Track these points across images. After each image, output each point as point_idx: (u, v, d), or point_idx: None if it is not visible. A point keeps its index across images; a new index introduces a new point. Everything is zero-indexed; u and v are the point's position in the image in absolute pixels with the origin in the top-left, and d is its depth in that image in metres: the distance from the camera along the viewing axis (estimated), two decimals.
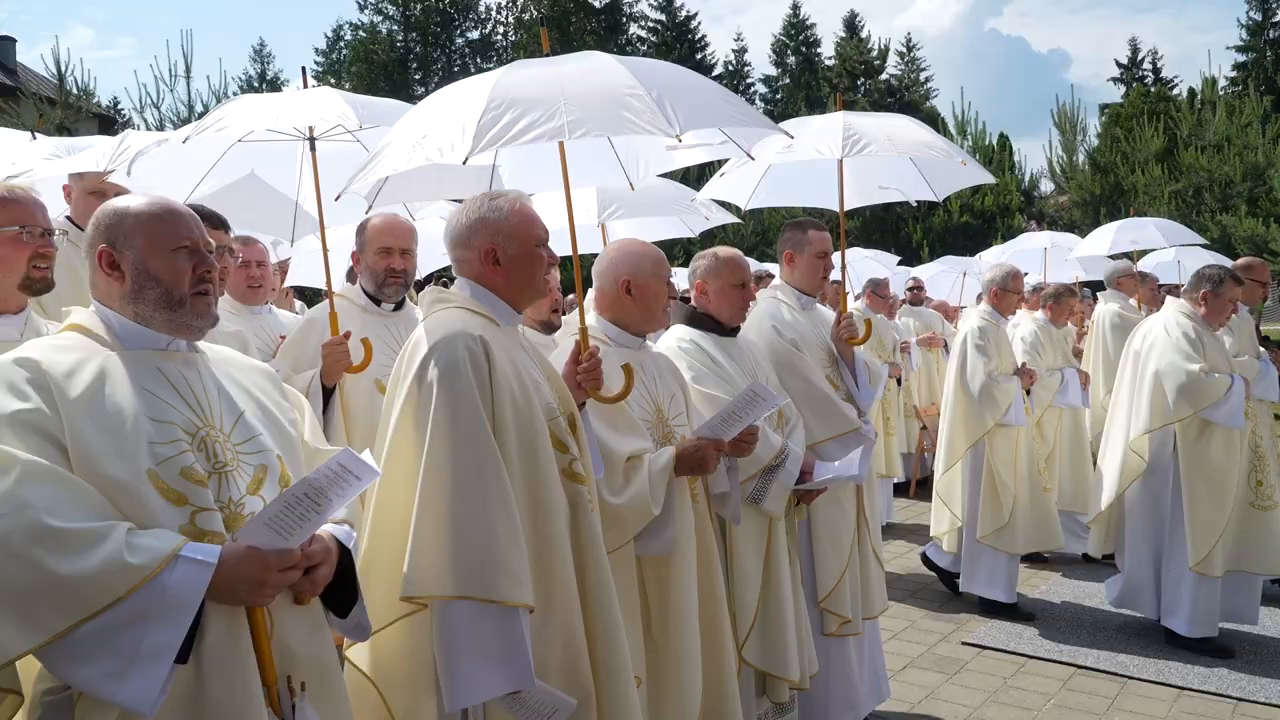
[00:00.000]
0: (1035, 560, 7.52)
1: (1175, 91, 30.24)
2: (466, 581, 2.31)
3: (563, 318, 4.19)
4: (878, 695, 4.51)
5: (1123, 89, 34.25)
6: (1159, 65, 36.74)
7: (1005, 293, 6.29)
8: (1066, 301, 7.30)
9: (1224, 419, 5.36)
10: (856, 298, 9.50)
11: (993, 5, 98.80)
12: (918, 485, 9.77)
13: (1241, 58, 33.44)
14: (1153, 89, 31.34)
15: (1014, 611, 6.08)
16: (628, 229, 5.93)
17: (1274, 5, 33.47)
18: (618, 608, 2.69)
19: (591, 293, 3.51)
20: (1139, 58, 37.18)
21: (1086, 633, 5.80)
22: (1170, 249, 11.00)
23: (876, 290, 8.96)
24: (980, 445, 6.05)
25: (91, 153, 4.21)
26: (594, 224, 5.64)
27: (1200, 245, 11.08)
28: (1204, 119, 21.64)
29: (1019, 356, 6.66)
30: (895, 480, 9.10)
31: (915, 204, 6.02)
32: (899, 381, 9.01)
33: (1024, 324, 7.09)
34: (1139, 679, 5.13)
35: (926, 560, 6.75)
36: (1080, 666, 5.31)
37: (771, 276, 7.35)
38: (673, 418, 3.33)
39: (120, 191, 3.35)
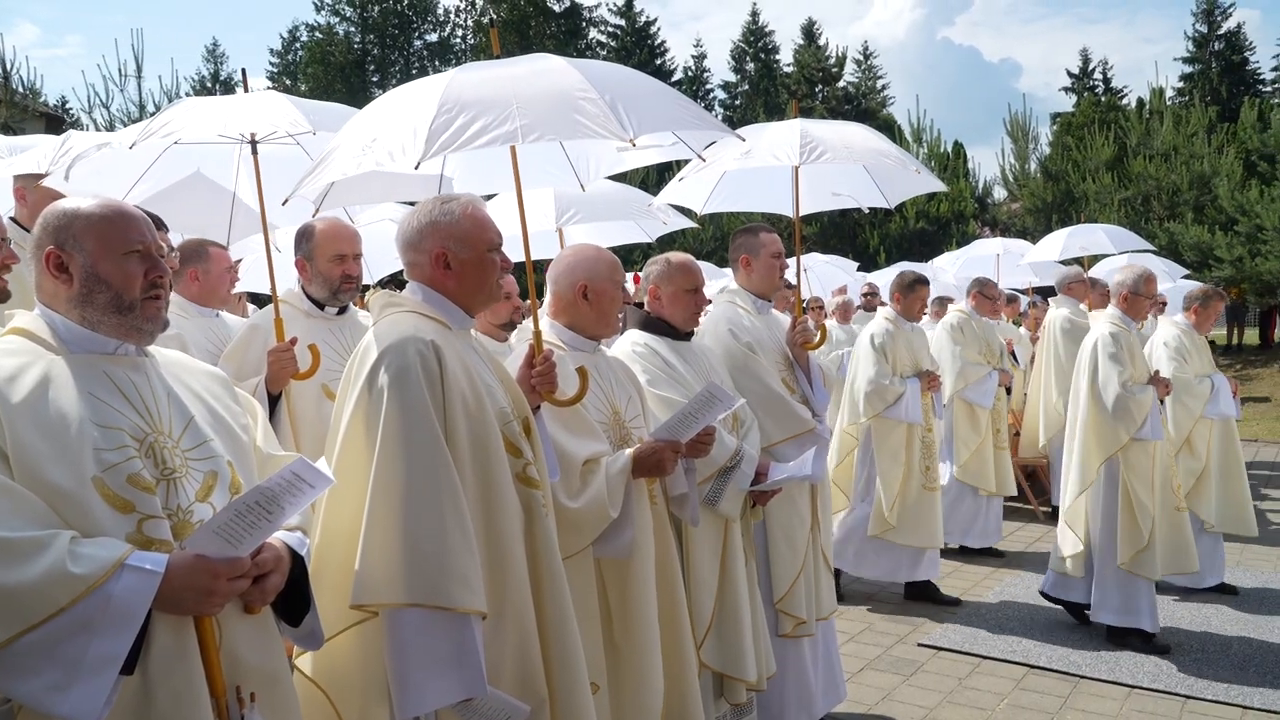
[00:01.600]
0: (989, 555, 7.67)
1: (1125, 101, 30.82)
2: (418, 588, 2.29)
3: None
4: (834, 696, 4.54)
5: (1074, 98, 34.82)
6: (1109, 75, 37.41)
7: (1137, 296, 5.74)
8: (1214, 304, 6.59)
9: None
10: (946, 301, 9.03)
11: (945, 15, 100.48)
12: None
13: (1188, 69, 34.18)
14: (1103, 98, 31.90)
15: (1152, 641, 5.56)
16: (586, 234, 5.94)
17: (1219, 19, 34.26)
18: (572, 612, 2.68)
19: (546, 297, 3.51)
20: (1090, 68, 37.84)
21: (1040, 632, 5.88)
22: (1122, 255, 11.23)
23: (983, 291, 8.09)
24: (1114, 462, 5.56)
25: (33, 153, 4.14)
26: (551, 229, 5.65)
27: (1149, 251, 11.30)
28: (1152, 128, 22.15)
29: (1164, 365, 6.27)
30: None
31: (868, 210, 6.09)
32: (1009, 390, 8.26)
33: (1165, 329, 6.56)
34: (1091, 678, 5.20)
35: (1048, 596, 6.04)
36: (1033, 666, 5.38)
37: None
38: (629, 420, 3.33)
39: (59, 194, 3.29)
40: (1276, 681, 5.06)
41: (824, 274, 11.67)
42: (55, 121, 21.24)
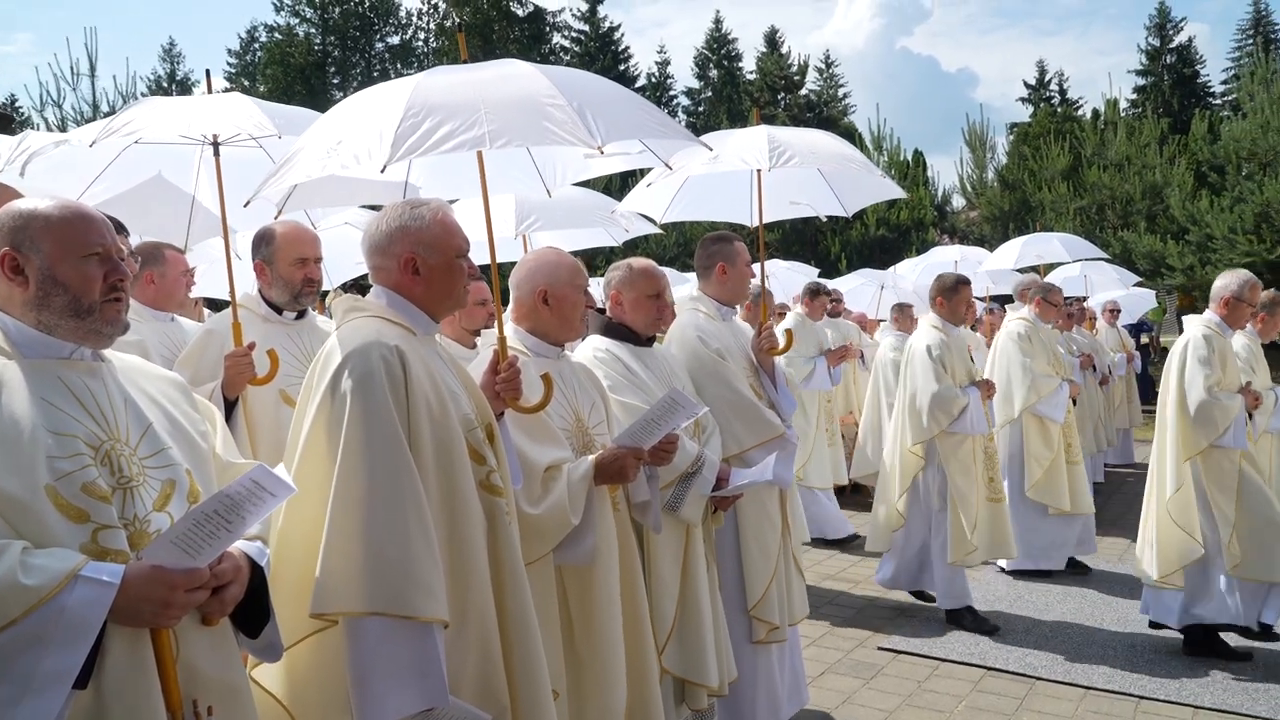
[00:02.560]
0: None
1: (1080, 112, 31.35)
2: (380, 597, 2.26)
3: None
4: (798, 700, 4.57)
5: (1030, 109, 35.36)
6: (1065, 86, 38.03)
7: (1239, 303, 5.49)
8: None
9: None
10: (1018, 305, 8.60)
11: (904, 25, 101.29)
12: (836, 492, 9.89)
13: (1141, 81, 34.89)
14: (1059, 109, 32.42)
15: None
16: (549, 240, 5.93)
17: (1171, 32, 34.99)
18: (535, 621, 2.67)
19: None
20: (1046, 79, 38.45)
21: (997, 634, 5.94)
22: (1076, 263, 11.41)
23: (1047, 297, 7.59)
24: (1195, 466, 5.39)
25: None
26: (512, 235, 5.63)
27: (1103, 260, 11.50)
28: (1106, 139, 22.56)
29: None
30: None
31: (825, 219, 6.11)
32: (1074, 401, 7.79)
33: (1236, 339, 6.02)
34: (1047, 679, 5.27)
35: (1156, 625, 5.64)
36: (990, 668, 5.44)
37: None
38: (593, 427, 3.32)
39: (11, 194, 3.22)
40: (1227, 680, 5.16)
41: (785, 280, 11.73)
42: (5, 120, 20.79)
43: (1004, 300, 11.35)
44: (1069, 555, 7.25)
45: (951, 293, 6.28)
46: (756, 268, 4.62)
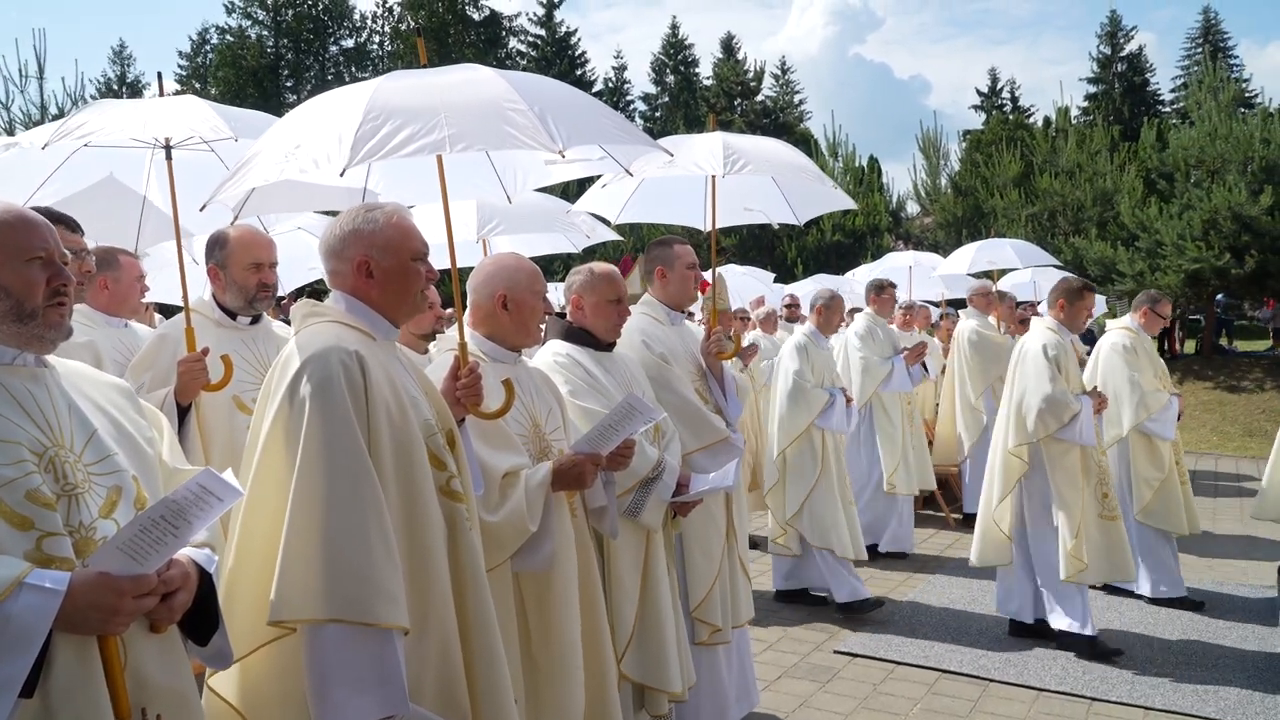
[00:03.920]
0: (901, 559, 7.78)
1: (1031, 119, 31.82)
2: (339, 603, 2.24)
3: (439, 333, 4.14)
4: (747, 702, 4.59)
5: (983, 116, 35.90)
6: (1016, 94, 38.73)
7: None
8: None
9: None
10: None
11: (857, 33, 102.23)
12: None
13: (1092, 89, 35.52)
14: (1010, 117, 32.91)
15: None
16: (510, 245, 5.92)
17: (1121, 41, 35.66)
18: (497, 627, 2.65)
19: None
20: (998, 86, 39.11)
21: (951, 636, 6.01)
22: (1026, 269, 11.59)
23: (1155, 308, 7.13)
24: None
25: None
26: (473, 239, 5.61)
27: (1054, 266, 11.70)
28: (1057, 146, 22.90)
29: None
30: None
31: (777, 226, 6.15)
32: (1180, 415, 7.17)
33: None
34: (1000, 681, 5.34)
35: None
36: (944, 671, 5.50)
37: None
38: (550, 432, 3.32)
39: None
40: (1176, 680, 5.27)
41: (740, 285, 11.79)
42: None
43: (958, 305, 11.49)
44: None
45: (1075, 297, 5.88)
46: (712, 273, 4.64)
